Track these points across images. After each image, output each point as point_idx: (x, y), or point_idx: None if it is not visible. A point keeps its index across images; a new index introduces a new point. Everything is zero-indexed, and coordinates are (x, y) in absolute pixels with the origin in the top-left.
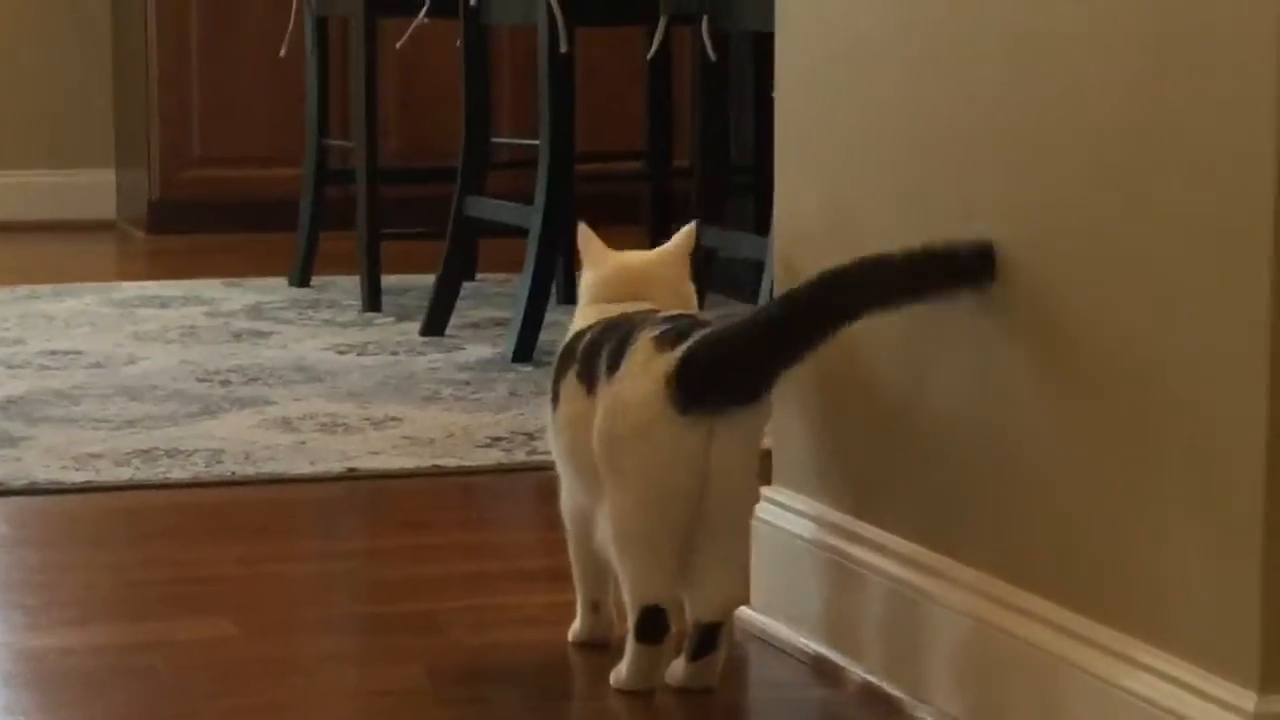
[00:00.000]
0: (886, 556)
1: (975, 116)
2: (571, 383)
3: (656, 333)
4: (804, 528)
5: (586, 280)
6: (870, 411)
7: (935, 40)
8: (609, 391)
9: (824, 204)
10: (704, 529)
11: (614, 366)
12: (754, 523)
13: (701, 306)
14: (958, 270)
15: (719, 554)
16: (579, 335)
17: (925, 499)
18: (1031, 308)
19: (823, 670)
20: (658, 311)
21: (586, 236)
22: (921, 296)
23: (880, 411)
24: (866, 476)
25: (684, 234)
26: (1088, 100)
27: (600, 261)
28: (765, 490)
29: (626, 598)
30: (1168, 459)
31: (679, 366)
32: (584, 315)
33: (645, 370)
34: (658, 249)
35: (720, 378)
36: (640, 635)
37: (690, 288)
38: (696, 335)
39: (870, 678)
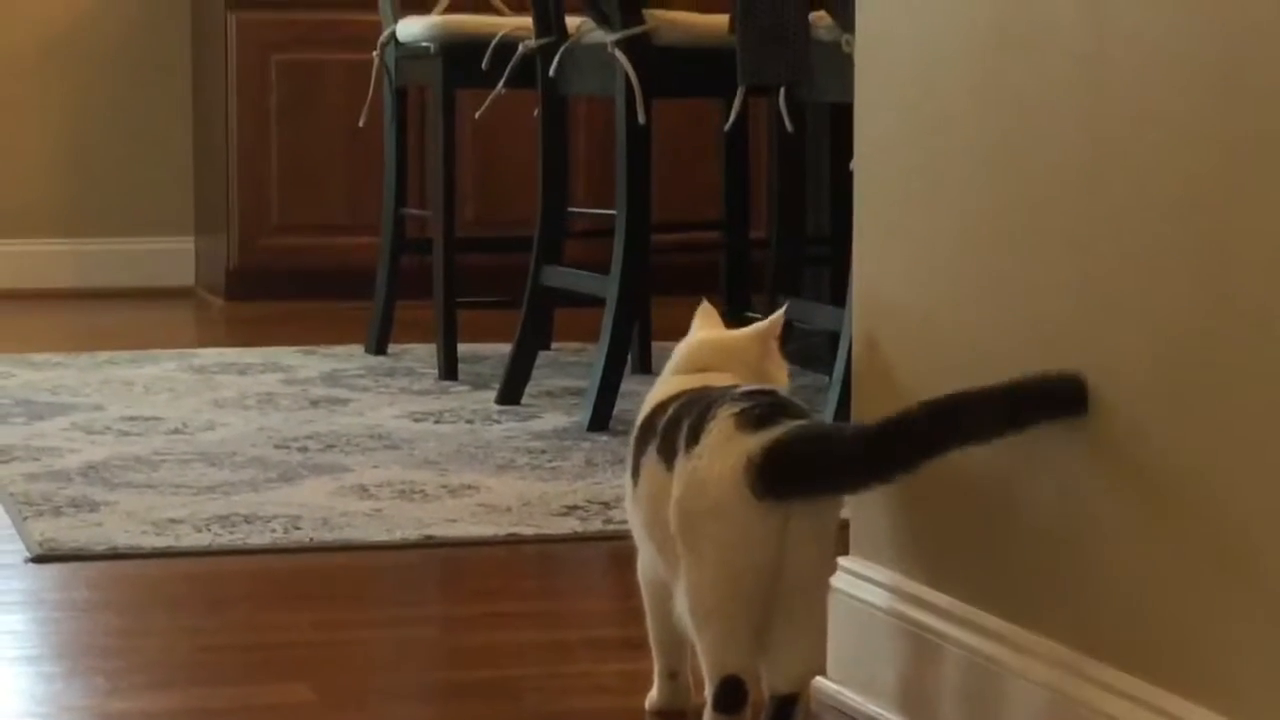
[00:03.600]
0: (963, 627)
1: (1056, 195)
2: (651, 458)
3: (737, 410)
4: (880, 598)
5: (675, 352)
6: (948, 483)
7: (1017, 118)
8: (687, 467)
9: (903, 275)
10: (780, 601)
11: (693, 441)
12: (831, 592)
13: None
14: (1050, 404)
15: (795, 626)
16: (660, 409)
17: (1002, 570)
18: (1119, 379)
19: None
20: (737, 386)
21: (702, 311)
22: (1013, 430)
23: (958, 483)
24: (943, 547)
25: (774, 315)
26: (1169, 183)
27: (692, 335)
28: (842, 560)
29: (705, 668)
30: (1248, 537)
31: (763, 457)
32: (663, 386)
33: (724, 449)
34: (748, 327)
35: (801, 484)
36: (718, 706)
37: (775, 368)
38: (783, 426)
39: None
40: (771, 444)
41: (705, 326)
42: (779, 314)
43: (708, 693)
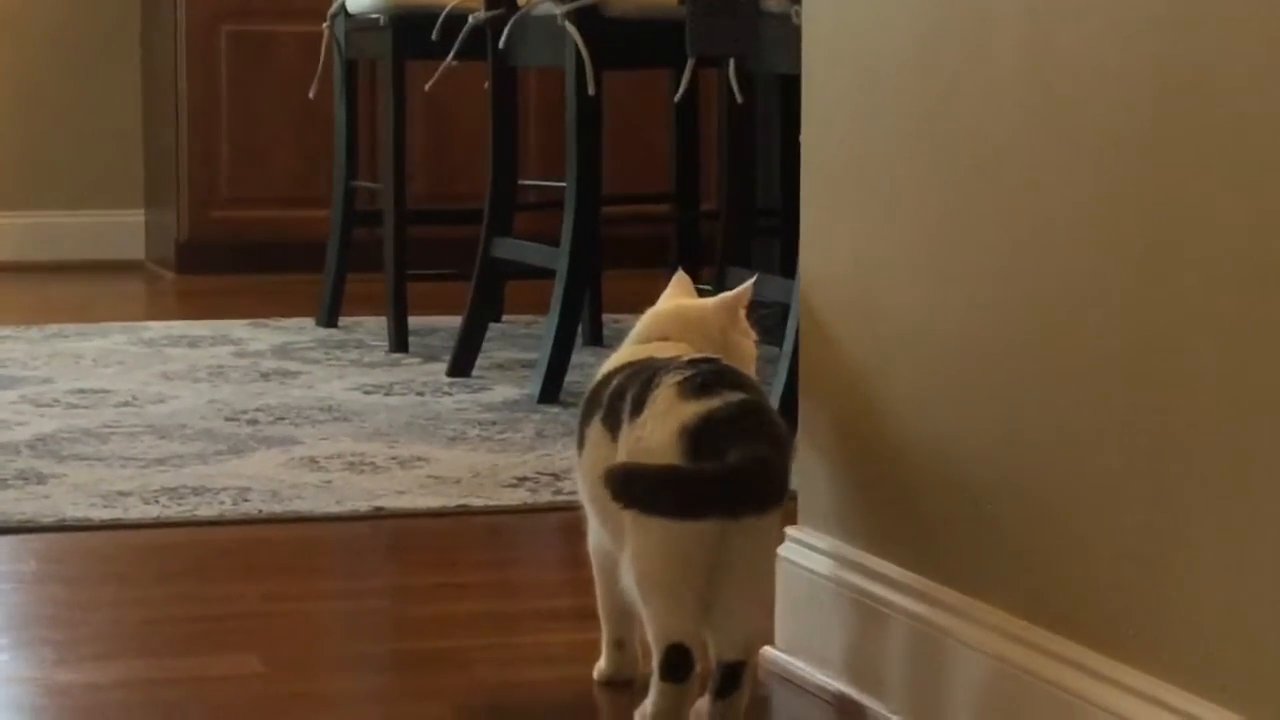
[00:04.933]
0: (909, 595)
1: (995, 160)
2: (596, 429)
3: (679, 379)
4: (827, 567)
5: (639, 321)
6: (893, 451)
7: (958, 85)
8: (631, 437)
9: (850, 247)
10: (726, 569)
11: (637, 411)
12: (778, 562)
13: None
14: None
15: (741, 594)
16: (605, 380)
17: (948, 538)
18: (1061, 345)
19: (846, 709)
20: (681, 356)
21: (676, 279)
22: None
23: (904, 452)
24: (889, 516)
25: (741, 287)
26: (1106, 142)
27: (655, 305)
28: (789, 529)
29: (651, 637)
30: (1195, 501)
31: (699, 425)
32: (617, 355)
33: (666, 416)
34: (712, 298)
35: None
36: (665, 674)
37: (738, 338)
38: (723, 397)
39: (893, 717)
40: (708, 414)
41: (676, 295)
42: (746, 286)
43: (655, 662)
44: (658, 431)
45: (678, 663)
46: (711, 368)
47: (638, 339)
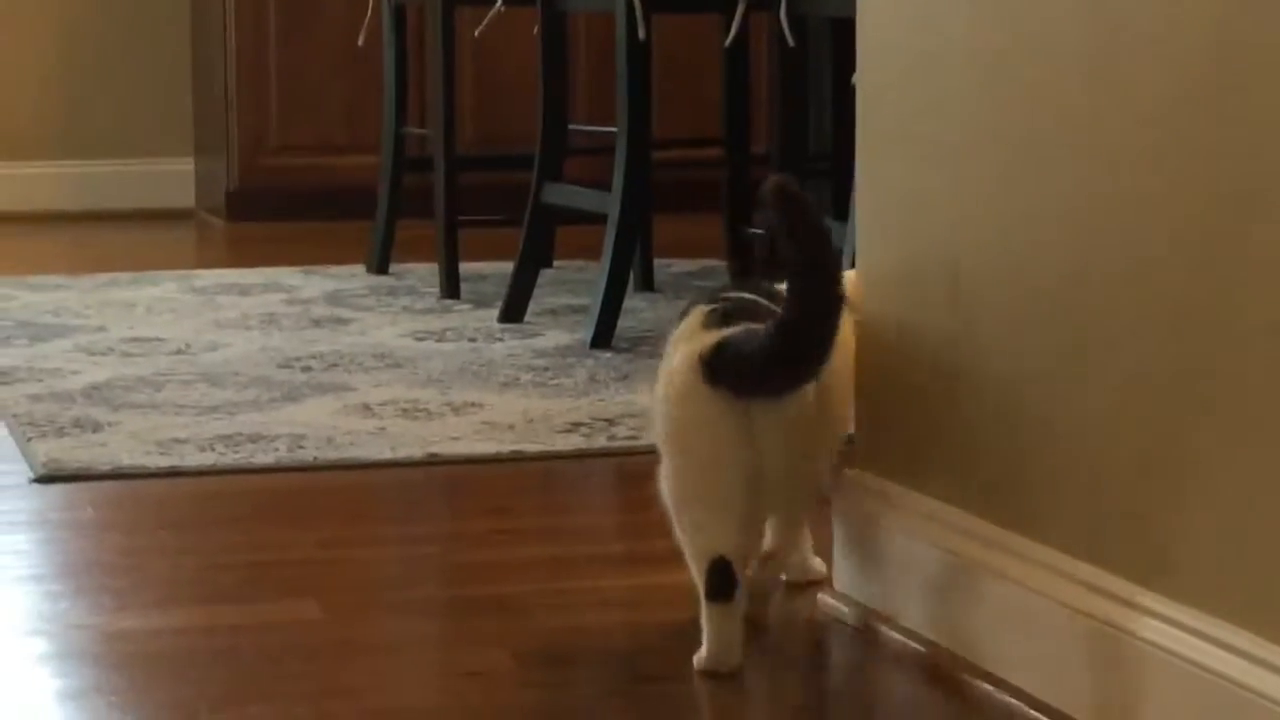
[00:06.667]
0: (952, 532)
1: (1056, 102)
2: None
3: (706, 310)
4: (882, 508)
5: None
6: (948, 394)
7: (1015, 26)
8: (662, 364)
9: (905, 189)
10: (768, 496)
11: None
12: (835, 508)
13: None
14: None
15: (786, 518)
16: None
17: (1003, 476)
18: (1119, 291)
19: (903, 653)
20: (723, 289)
21: None
22: None
23: (958, 394)
24: (946, 457)
25: None
26: (1169, 87)
27: None
28: (846, 471)
29: (690, 560)
30: (1254, 444)
31: (711, 352)
32: None
33: (688, 342)
34: (853, 270)
35: (741, 381)
36: (711, 593)
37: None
38: (740, 327)
39: (943, 652)
40: (719, 341)
41: None
42: None
43: (700, 585)
44: (678, 356)
45: (722, 578)
46: (738, 301)
47: None
